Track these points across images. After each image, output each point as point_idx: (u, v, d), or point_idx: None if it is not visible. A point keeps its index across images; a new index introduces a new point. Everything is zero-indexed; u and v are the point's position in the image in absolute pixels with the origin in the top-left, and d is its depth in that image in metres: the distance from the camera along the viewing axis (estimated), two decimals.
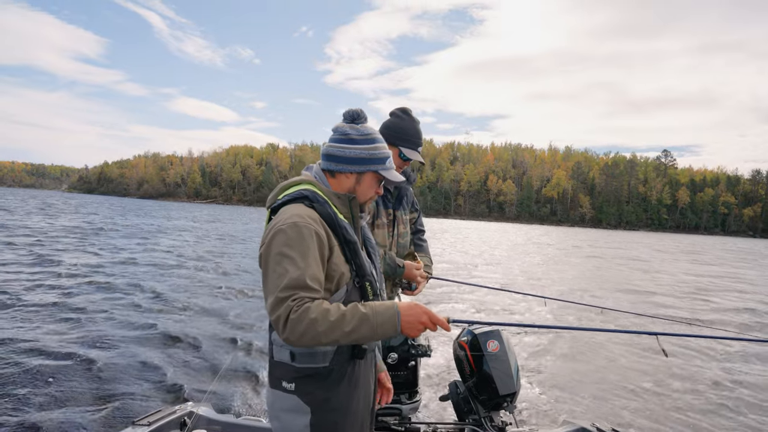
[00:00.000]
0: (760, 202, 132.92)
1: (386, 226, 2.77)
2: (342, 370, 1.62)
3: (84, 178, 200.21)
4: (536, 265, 19.03)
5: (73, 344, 5.95)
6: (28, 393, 4.46)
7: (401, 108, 2.78)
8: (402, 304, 1.48)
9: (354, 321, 1.42)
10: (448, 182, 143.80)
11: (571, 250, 29.39)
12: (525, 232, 58.51)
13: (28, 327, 6.51)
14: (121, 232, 23.16)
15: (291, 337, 1.40)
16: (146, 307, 8.20)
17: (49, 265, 11.69)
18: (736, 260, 29.96)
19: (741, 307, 11.42)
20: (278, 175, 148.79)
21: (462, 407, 2.91)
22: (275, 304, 1.42)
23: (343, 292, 1.60)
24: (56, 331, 6.44)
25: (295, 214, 1.54)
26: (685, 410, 4.98)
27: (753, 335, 7.47)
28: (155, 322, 7.24)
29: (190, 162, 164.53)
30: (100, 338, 6.26)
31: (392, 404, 2.89)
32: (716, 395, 5.48)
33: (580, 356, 6.67)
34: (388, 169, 1.72)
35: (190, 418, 2.67)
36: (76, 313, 7.41)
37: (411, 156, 2.70)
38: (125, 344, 6.11)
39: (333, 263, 1.57)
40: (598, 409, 4.89)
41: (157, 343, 6.24)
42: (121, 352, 5.78)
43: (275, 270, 1.48)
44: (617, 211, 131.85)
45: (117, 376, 5.03)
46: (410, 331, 1.47)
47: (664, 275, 18.05)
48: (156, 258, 14.60)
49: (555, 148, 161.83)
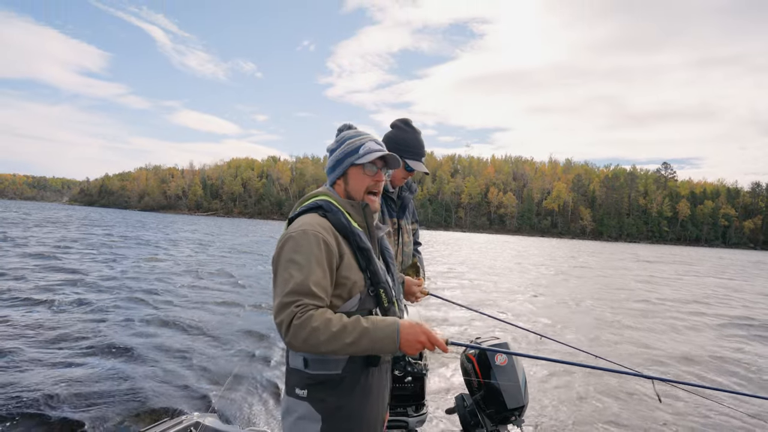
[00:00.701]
0: (760, 215, 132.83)
1: (392, 235, 2.79)
2: (355, 378, 1.62)
3: (85, 190, 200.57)
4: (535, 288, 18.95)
5: (78, 354, 5.94)
6: (31, 403, 4.44)
7: (402, 119, 2.77)
8: (404, 322, 1.52)
9: (354, 333, 1.45)
10: (449, 195, 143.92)
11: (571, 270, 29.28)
12: (524, 246, 58.35)
13: (34, 335, 6.50)
14: (128, 243, 23.15)
15: (293, 341, 1.45)
16: (152, 318, 8.18)
17: (54, 274, 11.67)
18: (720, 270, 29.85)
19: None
20: (279, 188, 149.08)
21: (469, 420, 2.89)
22: (280, 308, 1.46)
23: (356, 300, 1.62)
24: (62, 339, 6.44)
25: (306, 223, 1.60)
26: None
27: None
28: (161, 332, 7.24)
29: (191, 174, 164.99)
30: (106, 348, 6.25)
31: (399, 416, 2.88)
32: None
33: (590, 369, 6.61)
34: (362, 155, 1.72)
35: (195, 428, 2.68)
36: (81, 323, 7.39)
37: (416, 167, 2.71)
38: (131, 355, 6.09)
39: (344, 271, 1.60)
40: (606, 422, 4.84)
41: (163, 354, 6.22)
42: (127, 363, 5.77)
43: (282, 275, 1.53)
44: (618, 223, 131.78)
45: (123, 386, 5.01)
46: (408, 349, 1.51)
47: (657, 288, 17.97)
48: (161, 268, 14.58)
49: (555, 161, 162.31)
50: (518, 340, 7.54)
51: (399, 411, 2.91)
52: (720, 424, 4.83)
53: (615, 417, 4.92)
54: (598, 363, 2.51)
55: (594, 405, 5.25)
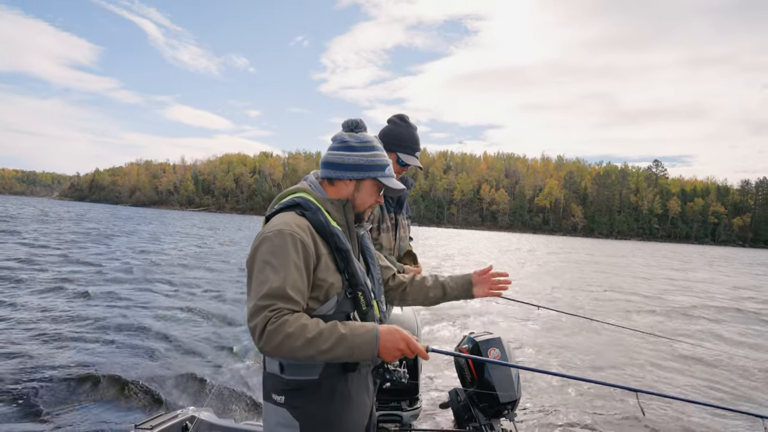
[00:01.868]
0: (749, 212, 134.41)
1: (390, 230, 2.83)
2: (332, 383, 1.57)
3: (75, 185, 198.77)
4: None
5: (74, 349, 5.94)
6: (30, 397, 4.44)
7: (398, 114, 2.81)
8: (383, 328, 1.46)
9: (331, 340, 1.40)
10: (442, 191, 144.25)
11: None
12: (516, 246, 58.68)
13: (29, 332, 6.47)
14: (123, 238, 23.00)
15: (266, 347, 1.39)
16: (149, 312, 8.19)
17: (46, 271, 11.59)
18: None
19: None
20: (271, 184, 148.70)
21: (462, 415, 2.92)
22: (254, 312, 1.40)
23: (333, 302, 1.56)
24: (59, 336, 6.41)
25: (282, 222, 1.52)
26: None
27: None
28: (157, 326, 7.23)
29: (183, 170, 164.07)
30: (102, 343, 6.24)
31: (393, 411, 2.91)
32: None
33: (583, 365, 6.69)
34: (387, 177, 1.70)
35: (191, 422, 2.69)
36: (79, 318, 7.39)
37: (409, 161, 2.74)
38: (127, 349, 6.09)
39: (320, 273, 1.54)
40: (599, 415, 4.90)
41: (159, 348, 6.21)
42: (123, 357, 5.77)
43: (257, 277, 1.46)
44: (609, 220, 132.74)
45: (119, 380, 5.01)
46: (387, 356, 1.46)
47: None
48: (157, 262, 14.53)
49: (547, 158, 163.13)
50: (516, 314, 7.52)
51: (393, 405, 2.94)
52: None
53: (606, 411, 4.98)
54: (585, 374, 2.54)
55: (586, 399, 5.31)
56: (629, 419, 4.82)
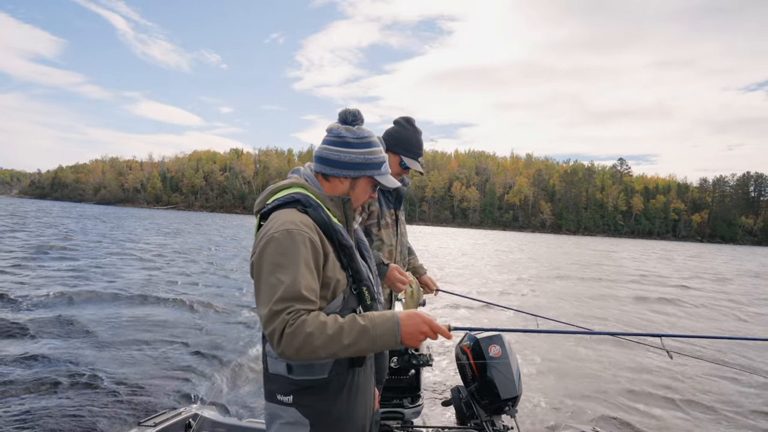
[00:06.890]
0: (707, 209, 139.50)
1: (391, 225, 2.87)
2: (341, 380, 1.57)
3: (36, 182, 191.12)
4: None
5: (79, 347, 5.92)
6: (35, 395, 4.46)
7: (405, 117, 2.88)
8: (402, 314, 1.43)
9: (353, 334, 1.37)
10: (414, 189, 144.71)
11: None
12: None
13: (29, 332, 6.41)
14: (120, 239, 22.30)
15: (287, 351, 1.34)
16: (151, 310, 8.16)
17: (43, 271, 11.17)
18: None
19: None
20: (242, 181, 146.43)
21: (464, 412, 2.98)
22: (270, 318, 1.36)
23: (339, 300, 1.55)
24: (64, 334, 6.41)
25: (288, 221, 1.47)
26: (688, 411, 5.17)
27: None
28: (161, 325, 7.24)
29: (150, 167, 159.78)
30: (107, 342, 6.23)
31: (395, 408, 2.95)
32: (720, 397, 5.66)
33: (583, 361, 6.83)
34: (383, 174, 1.68)
35: (195, 420, 2.70)
36: (83, 317, 7.35)
37: (411, 166, 2.82)
38: (131, 347, 6.10)
39: (328, 271, 1.51)
40: (600, 413, 5.00)
41: (162, 346, 6.23)
42: (128, 355, 5.78)
43: (268, 281, 1.41)
44: (576, 217, 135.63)
45: (123, 378, 5.03)
46: (411, 342, 1.43)
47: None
48: (156, 261, 14.42)
49: (517, 156, 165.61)
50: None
51: (395, 403, 2.97)
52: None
53: (604, 411, 5.10)
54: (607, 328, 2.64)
55: (586, 398, 5.44)
56: (627, 418, 4.93)
